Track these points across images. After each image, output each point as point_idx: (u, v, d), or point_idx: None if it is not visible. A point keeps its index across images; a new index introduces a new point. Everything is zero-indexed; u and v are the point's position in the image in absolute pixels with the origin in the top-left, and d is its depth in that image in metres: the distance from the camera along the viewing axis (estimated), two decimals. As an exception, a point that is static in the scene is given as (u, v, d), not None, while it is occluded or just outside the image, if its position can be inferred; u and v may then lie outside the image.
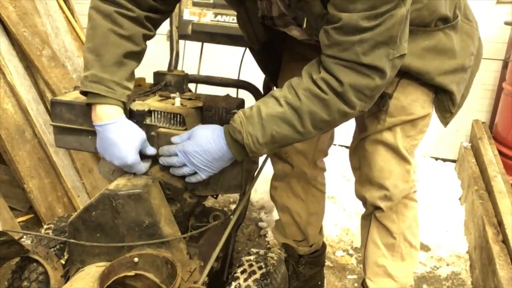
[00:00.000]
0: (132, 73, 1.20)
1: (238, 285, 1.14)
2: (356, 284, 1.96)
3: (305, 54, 1.38)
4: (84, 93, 1.15)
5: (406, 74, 1.23)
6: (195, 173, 1.16)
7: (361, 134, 1.40)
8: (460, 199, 2.58)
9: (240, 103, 1.25)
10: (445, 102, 1.30)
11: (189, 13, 1.75)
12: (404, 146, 1.34)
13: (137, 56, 1.20)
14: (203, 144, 1.11)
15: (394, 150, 1.35)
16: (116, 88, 1.13)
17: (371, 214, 1.49)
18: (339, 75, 1.01)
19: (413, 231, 1.51)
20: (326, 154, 1.69)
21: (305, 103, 1.04)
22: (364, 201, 1.48)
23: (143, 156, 1.18)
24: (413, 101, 1.29)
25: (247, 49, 1.78)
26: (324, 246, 1.83)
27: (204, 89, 1.64)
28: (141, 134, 1.16)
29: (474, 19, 1.32)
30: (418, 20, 1.16)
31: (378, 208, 1.44)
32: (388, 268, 1.50)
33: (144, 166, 1.18)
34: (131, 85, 1.19)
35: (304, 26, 1.14)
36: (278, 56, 1.54)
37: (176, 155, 1.15)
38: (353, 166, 1.49)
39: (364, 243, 1.56)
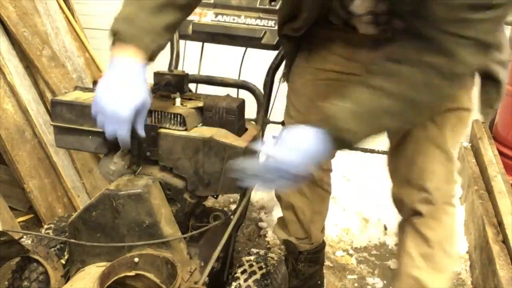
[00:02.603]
0: (171, 26, 1.09)
1: (238, 285, 1.14)
2: (356, 284, 1.96)
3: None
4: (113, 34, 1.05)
5: None
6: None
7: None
8: (460, 199, 2.58)
9: (241, 103, 1.25)
10: (491, 95, 1.22)
11: (189, 13, 1.75)
12: (449, 142, 1.26)
13: (182, 9, 1.10)
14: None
15: (439, 146, 1.25)
16: (143, 34, 1.03)
17: (408, 221, 1.36)
18: (458, 53, 0.93)
19: (451, 240, 1.38)
20: (333, 156, 1.66)
21: (408, 90, 0.97)
22: (401, 206, 1.37)
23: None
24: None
25: (247, 49, 1.77)
26: (323, 243, 1.82)
27: (204, 89, 1.63)
28: (147, 99, 1.05)
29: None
30: None
31: (416, 213, 1.32)
32: (422, 280, 1.34)
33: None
34: (162, 38, 1.08)
35: None
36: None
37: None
38: (390, 168, 1.39)
39: (398, 252, 1.44)
